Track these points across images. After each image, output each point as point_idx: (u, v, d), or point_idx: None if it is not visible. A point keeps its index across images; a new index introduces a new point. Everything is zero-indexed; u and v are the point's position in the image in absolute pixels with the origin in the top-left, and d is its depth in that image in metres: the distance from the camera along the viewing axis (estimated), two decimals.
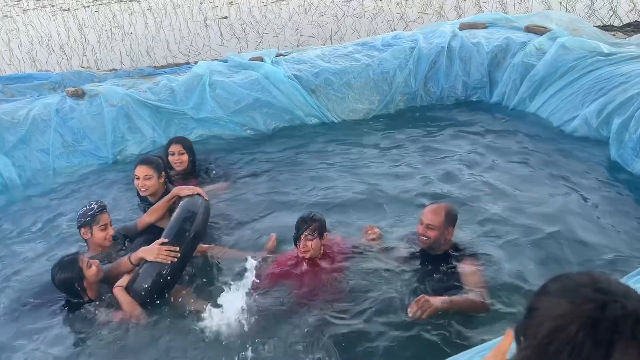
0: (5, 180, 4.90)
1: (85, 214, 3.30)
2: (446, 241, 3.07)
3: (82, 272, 2.95)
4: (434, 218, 3.01)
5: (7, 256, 3.84)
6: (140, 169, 3.75)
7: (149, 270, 3.05)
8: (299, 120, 5.57)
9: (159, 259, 3.03)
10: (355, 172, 4.56)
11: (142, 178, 3.72)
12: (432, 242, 3.03)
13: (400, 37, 6.17)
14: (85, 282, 2.98)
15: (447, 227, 3.03)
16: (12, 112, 5.17)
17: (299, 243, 3.10)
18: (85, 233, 3.33)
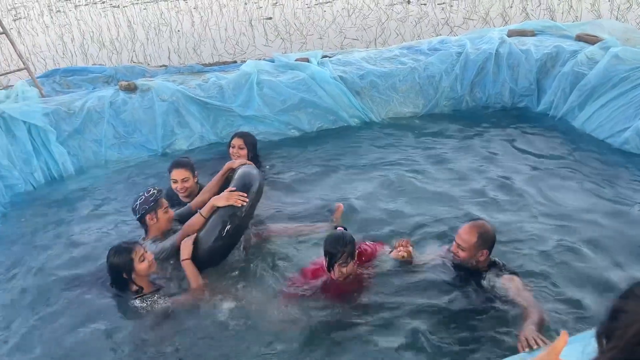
0: (60, 168, 5.11)
1: (147, 201, 3.36)
2: (479, 262, 2.95)
3: (132, 264, 2.97)
4: (466, 238, 2.90)
5: (60, 242, 3.99)
6: (177, 172, 3.80)
7: (222, 214, 3.21)
8: (343, 121, 5.63)
9: (230, 201, 3.20)
10: (396, 175, 4.57)
11: (181, 181, 3.78)
12: (462, 262, 2.97)
13: (447, 41, 6.17)
14: (134, 274, 3.00)
15: (479, 250, 2.91)
16: (68, 103, 5.37)
17: (333, 271, 2.94)
18: (152, 218, 3.37)
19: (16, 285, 3.50)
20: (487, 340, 2.69)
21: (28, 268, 3.67)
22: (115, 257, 2.99)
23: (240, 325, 2.93)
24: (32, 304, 3.30)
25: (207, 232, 3.23)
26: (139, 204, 3.38)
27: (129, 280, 3.02)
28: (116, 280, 3.05)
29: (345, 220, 3.77)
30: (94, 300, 3.23)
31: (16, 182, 4.77)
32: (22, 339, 3.01)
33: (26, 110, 5.06)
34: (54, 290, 3.40)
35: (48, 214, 4.43)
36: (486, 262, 2.98)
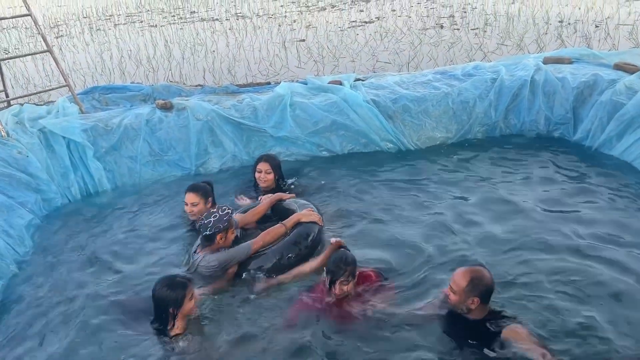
0: (96, 183, 5.22)
1: (222, 220, 3.48)
2: (472, 311, 2.85)
3: (183, 300, 2.90)
4: (457, 282, 2.84)
5: (90, 259, 4.04)
6: (188, 196, 4.08)
7: (301, 231, 3.73)
8: (375, 144, 5.63)
9: (312, 218, 3.81)
10: (424, 201, 4.53)
11: (190, 205, 4.06)
12: (453, 306, 2.89)
13: (481, 67, 6.15)
14: (179, 312, 2.92)
15: (470, 295, 2.81)
16: (106, 119, 5.51)
17: (335, 288, 3.10)
18: (221, 237, 3.52)
19: (47, 303, 3.54)
20: None
21: (59, 287, 3.71)
22: (166, 290, 2.89)
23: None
24: (64, 322, 3.33)
25: (288, 243, 3.67)
26: (213, 221, 3.47)
27: (170, 317, 2.91)
28: (160, 315, 2.95)
29: (359, 244, 3.85)
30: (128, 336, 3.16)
31: (54, 196, 4.88)
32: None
33: (66, 125, 5.20)
34: (86, 311, 3.40)
35: (82, 229, 4.51)
36: (482, 312, 2.87)
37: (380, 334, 3.03)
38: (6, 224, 4.14)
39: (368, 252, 3.78)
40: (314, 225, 3.81)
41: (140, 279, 3.66)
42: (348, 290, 3.11)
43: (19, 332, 3.27)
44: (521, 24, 10.40)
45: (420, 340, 2.96)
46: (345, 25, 12.08)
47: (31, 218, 4.46)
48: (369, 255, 3.72)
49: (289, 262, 3.59)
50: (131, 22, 15.43)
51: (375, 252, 3.81)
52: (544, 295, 3.21)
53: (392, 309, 3.16)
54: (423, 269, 3.58)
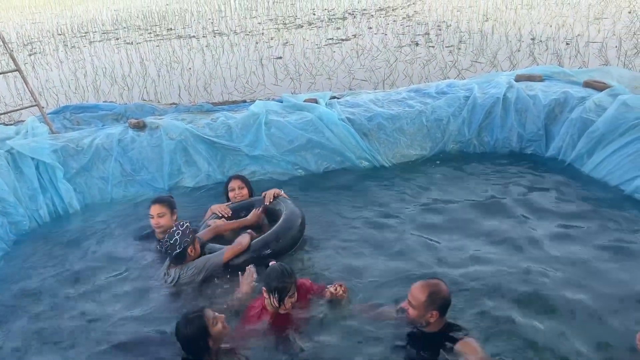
0: (66, 205, 5.10)
1: (186, 234, 3.51)
2: (430, 324, 2.84)
3: (208, 330, 2.80)
4: (416, 296, 2.81)
5: (63, 288, 3.90)
6: (154, 208, 4.08)
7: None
8: (350, 162, 5.62)
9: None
10: (397, 218, 4.54)
11: (156, 216, 4.06)
12: (411, 320, 2.87)
13: (455, 85, 6.21)
14: (210, 341, 2.81)
15: (429, 310, 2.79)
16: (77, 140, 5.41)
17: (284, 303, 3.09)
18: (192, 250, 3.57)
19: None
20: None
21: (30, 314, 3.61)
22: (188, 329, 2.78)
23: None
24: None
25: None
26: (179, 239, 3.47)
27: (204, 350, 2.80)
28: (194, 353, 2.82)
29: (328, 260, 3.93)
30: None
31: (21, 219, 4.75)
32: None
33: (35, 146, 5.10)
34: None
35: (51, 254, 4.38)
36: (438, 325, 2.86)
37: (333, 339, 3.05)
38: None
39: (334, 268, 3.84)
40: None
41: (113, 315, 3.53)
42: (294, 302, 3.12)
43: None
44: (494, 42, 10.58)
45: (374, 349, 2.98)
46: (322, 43, 12.16)
47: None
48: (334, 271, 3.79)
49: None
50: (107, 39, 15.32)
51: (342, 268, 3.83)
52: (500, 309, 3.24)
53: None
54: (384, 285, 3.59)
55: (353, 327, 3.16)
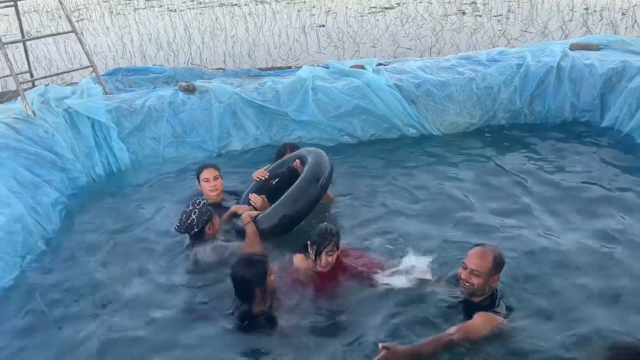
0: (120, 163, 5.27)
1: (203, 213, 3.51)
2: (490, 289, 2.80)
3: (265, 277, 2.86)
4: (480, 263, 2.72)
5: (117, 241, 4.05)
6: (209, 171, 4.10)
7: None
8: (397, 129, 5.59)
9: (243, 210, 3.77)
10: (443, 187, 4.49)
11: (212, 179, 4.08)
12: (475, 289, 2.77)
13: (507, 53, 6.06)
14: (261, 289, 2.86)
15: (492, 275, 2.75)
16: (130, 101, 5.53)
17: (320, 259, 3.12)
18: (210, 228, 3.56)
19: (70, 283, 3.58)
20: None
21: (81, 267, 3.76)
22: (247, 269, 2.85)
23: None
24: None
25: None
26: (195, 218, 3.48)
27: (254, 296, 2.85)
28: (242, 295, 2.88)
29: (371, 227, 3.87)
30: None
31: (78, 175, 4.92)
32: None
33: (91, 106, 5.24)
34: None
35: (105, 209, 4.55)
36: (489, 292, 2.80)
37: (370, 303, 3.03)
38: (34, 202, 4.19)
39: (378, 236, 3.78)
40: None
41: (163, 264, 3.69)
42: (332, 261, 3.16)
43: (40, 310, 3.30)
44: (545, 11, 10.23)
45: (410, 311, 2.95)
46: (365, 11, 11.98)
47: (57, 196, 4.50)
48: (377, 239, 3.72)
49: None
50: (150, 6, 15.46)
51: (384, 237, 3.76)
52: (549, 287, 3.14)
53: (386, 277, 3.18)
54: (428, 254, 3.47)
55: (395, 299, 3.06)
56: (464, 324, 2.61)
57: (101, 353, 2.88)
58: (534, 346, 2.65)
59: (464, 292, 2.81)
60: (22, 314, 3.23)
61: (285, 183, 3.96)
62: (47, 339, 3.01)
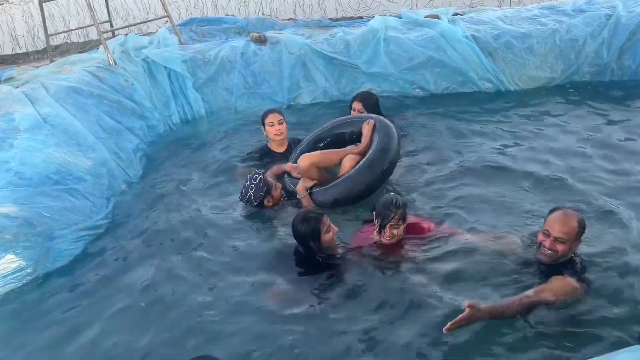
0: (195, 112, 5.44)
1: (260, 188, 3.53)
2: (571, 254, 2.68)
3: (319, 234, 2.92)
4: (564, 230, 2.57)
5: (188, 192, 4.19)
6: (274, 115, 4.18)
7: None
8: (472, 83, 5.40)
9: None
10: (518, 147, 4.28)
11: (277, 123, 4.16)
12: (558, 257, 2.62)
13: (595, 2, 5.64)
14: (317, 243, 2.95)
15: (577, 240, 2.63)
16: (204, 51, 5.64)
17: (385, 231, 2.97)
18: (268, 201, 3.61)
19: (150, 224, 3.78)
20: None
21: (164, 208, 3.96)
22: (302, 226, 2.95)
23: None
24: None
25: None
26: (253, 194, 3.55)
27: (312, 248, 2.97)
28: (303, 246, 3.01)
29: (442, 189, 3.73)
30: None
31: (157, 123, 5.14)
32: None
33: (167, 56, 5.39)
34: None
35: (182, 156, 4.74)
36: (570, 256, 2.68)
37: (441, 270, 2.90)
38: (117, 147, 4.43)
39: (449, 197, 3.66)
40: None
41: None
42: (398, 234, 2.99)
43: (125, 248, 3.53)
44: None
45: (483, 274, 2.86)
46: None
47: (138, 143, 4.74)
48: (448, 203, 3.60)
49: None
50: None
51: (453, 197, 3.64)
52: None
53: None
54: (501, 217, 3.36)
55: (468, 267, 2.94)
56: (542, 286, 2.54)
57: (183, 288, 3.05)
58: (600, 326, 2.49)
59: (546, 260, 2.67)
60: (110, 252, 3.48)
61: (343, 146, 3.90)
62: (134, 274, 3.24)
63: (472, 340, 2.43)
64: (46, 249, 3.32)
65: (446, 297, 2.70)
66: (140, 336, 2.72)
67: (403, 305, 2.72)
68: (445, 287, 2.78)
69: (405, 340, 2.51)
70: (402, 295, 2.79)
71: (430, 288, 2.79)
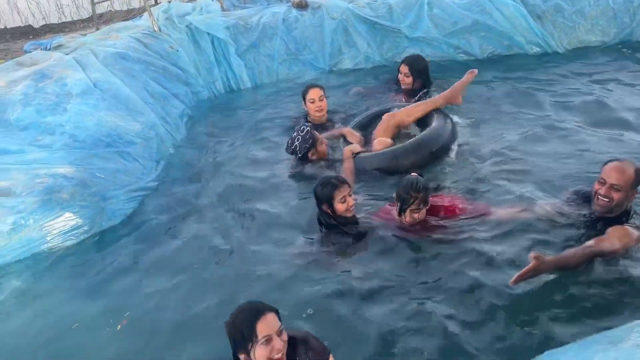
0: (238, 79, 5.49)
1: (306, 139, 3.61)
2: (628, 205, 2.65)
3: (332, 201, 2.95)
4: (621, 177, 2.56)
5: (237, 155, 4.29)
6: (315, 91, 4.13)
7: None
8: (518, 47, 5.26)
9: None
10: (568, 111, 4.17)
11: (317, 99, 4.12)
12: (614, 205, 2.61)
13: None
14: (330, 209, 2.97)
15: (632, 189, 2.61)
16: (246, 17, 5.65)
17: (405, 215, 2.90)
18: (313, 154, 3.68)
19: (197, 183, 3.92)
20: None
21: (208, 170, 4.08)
22: (320, 187, 2.99)
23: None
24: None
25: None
26: (298, 144, 3.62)
27: (325, 212, 3.00)
28: (319, 209, 3.05)
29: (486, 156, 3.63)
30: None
31: (201, 89, 5.22)
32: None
33: (210, 22, 5.43)
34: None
35: (226, 121, 4.83)
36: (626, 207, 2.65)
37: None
38: (164, 112, 4.54)
39: (493, 170, 3.56)
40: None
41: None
42: (419, 218, 2.91)
43: (175, 207, 3.65)
44: None
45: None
46: None
47: (183, 108, 4.84)
48: (493, 171, 3.52)
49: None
50: None
51: (502, 169, 3.54)
52: None
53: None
54: (553, 186, 3.24)
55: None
56: (602, 236, 2.53)
57: (233, 242, 3.17)
58: None
59: (601, 209, 2.66)
60: (160, 211, 3.61)
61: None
62: (183, 232, 3.36)
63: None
64: (101, 208, 3.47)
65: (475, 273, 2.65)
66: (190, 287, 2.86)
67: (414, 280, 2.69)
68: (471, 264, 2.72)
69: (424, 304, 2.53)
70: (415, 270, 2.76)
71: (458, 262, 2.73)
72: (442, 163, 3.62)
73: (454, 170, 3.56)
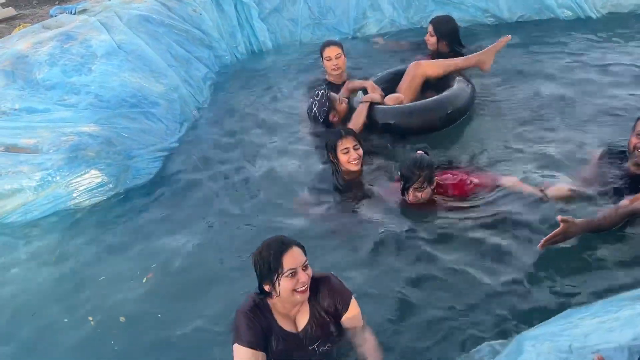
0: (260, 43, 5.44)
1: (323, 103, 3.58)
2: None
3: (336, 149, 3.02)
4: None
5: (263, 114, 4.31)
6: (331, 49, 4.03)
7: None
8: (549, 11, 5.08)
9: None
10: (603, 79, 3.99)
11: (334, 57, 4.03)
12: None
13: None
14: (334, 159, 3.06)
15: None
16: None
17: (408, 194, 2.83)
18: (334, 116, 3.65)
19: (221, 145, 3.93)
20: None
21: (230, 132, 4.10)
22: (329, 135, 3.14)
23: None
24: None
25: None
26: (317, 110, 3.60)
27: (331, 160, 3.08)
28: (328, 159, 3.14)
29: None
30: None
31: (224, 53, 5.19)
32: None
33: None
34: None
35: (249, 85, 4.80)
36: None
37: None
38: (187, 75, 4.54)
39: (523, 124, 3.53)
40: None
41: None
42: (423, 197, 2.82)
43: (198, 168, 3.69)
44: None
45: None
46: None
47: (206, 71, 4.83)
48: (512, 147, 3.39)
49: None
50: None
51: (525, 144, 3.39)
52: None
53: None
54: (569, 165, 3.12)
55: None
56: (637, 194, 2.47)
57: (252, 202, 3.24)
58: None
59: (637, 162, 2.61)
60: (183, 172, 3.64)
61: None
62: (204, 191, 3.42)
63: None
64: (126, 166, 3.51)
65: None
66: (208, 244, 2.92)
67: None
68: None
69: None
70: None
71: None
72: (457, 134, 3.55)
73: (467, 141, 3.48)
